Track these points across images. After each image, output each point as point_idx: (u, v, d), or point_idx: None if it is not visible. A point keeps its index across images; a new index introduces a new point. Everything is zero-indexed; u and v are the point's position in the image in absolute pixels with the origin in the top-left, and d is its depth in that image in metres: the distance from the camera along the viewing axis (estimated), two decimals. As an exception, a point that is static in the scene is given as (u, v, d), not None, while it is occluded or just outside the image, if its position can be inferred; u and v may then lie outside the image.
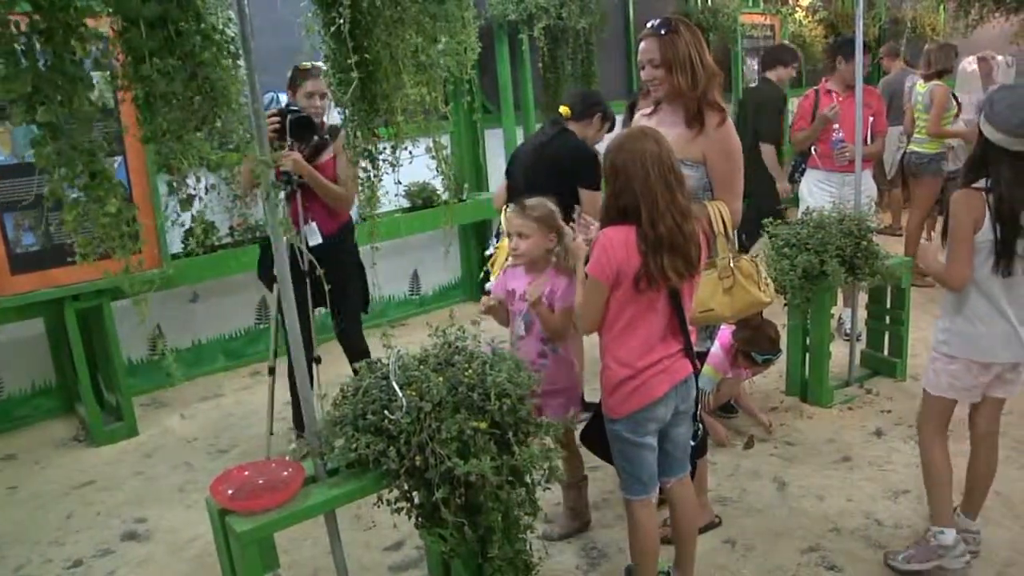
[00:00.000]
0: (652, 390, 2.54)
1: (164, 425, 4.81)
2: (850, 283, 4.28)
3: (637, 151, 2.45)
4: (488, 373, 2.35)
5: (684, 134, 2.97)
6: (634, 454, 2.62)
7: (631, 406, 2.55)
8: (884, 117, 5.44)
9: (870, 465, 3.82)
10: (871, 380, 4.78)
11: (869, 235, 4.24)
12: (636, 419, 2.57)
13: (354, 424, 2.33)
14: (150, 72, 1.74)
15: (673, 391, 2.58)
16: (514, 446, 2.32)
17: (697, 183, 2.97)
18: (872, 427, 4.21)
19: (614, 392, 2.56)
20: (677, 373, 2.59)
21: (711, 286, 2.98)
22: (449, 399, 2.30)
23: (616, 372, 2.54)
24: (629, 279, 2.45)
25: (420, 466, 2.24)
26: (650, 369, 2.53)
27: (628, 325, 2.51)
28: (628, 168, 2.44)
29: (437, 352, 2.50)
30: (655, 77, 2.97)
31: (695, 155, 2.96)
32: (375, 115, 2.31)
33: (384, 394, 2.35)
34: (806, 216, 4.29)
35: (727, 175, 2.99)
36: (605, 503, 3.57)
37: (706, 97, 2.95)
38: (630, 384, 2.53)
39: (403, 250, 6.51)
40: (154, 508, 3.84)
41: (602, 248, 2.47)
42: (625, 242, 2.44)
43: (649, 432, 2.60)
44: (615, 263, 2.45)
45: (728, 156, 2.98)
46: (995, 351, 2.84)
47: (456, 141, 6.69)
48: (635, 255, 2.43)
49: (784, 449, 4.02)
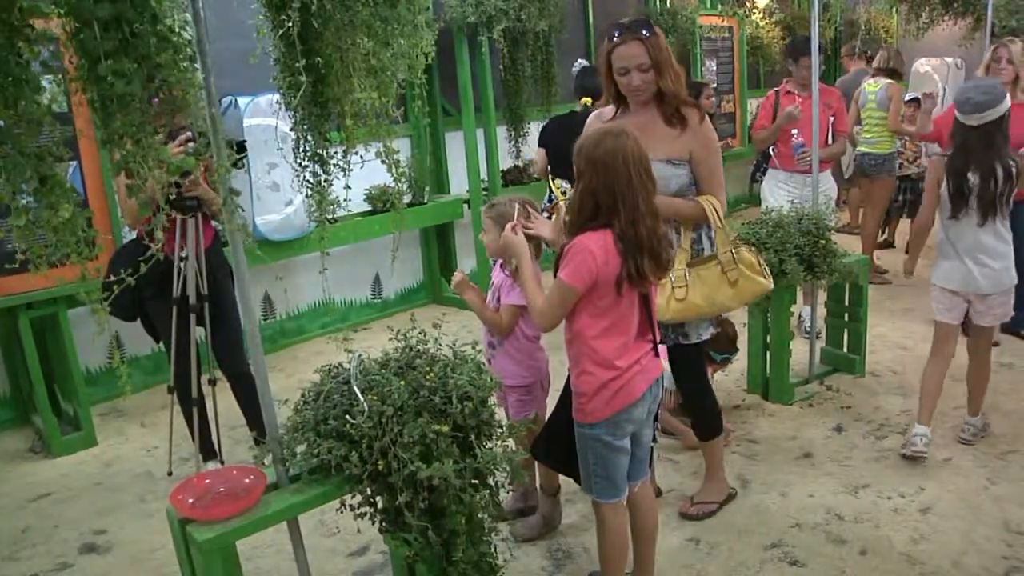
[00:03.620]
0: (632, 390, 2.53)
1: (124, 434, 4.74)
2: (809, 281, 4.33)
3: (619, 148, 2.39)
4: (450, 376, 2.35)
5: (667, 133, 2.99)
6: (611, 458, 2.61)
7: (613, 408, 2.53)
8: (845, 116, 5.52)
9: (831, 461, 3.88)
10: (831, 377, 4.85)
11: (827, 234, 4.30)
12: (616, 421, 2.55)
13: (316, 429, 2.32)
14: (106, 73, 1.70)
15: (648, 391, 2.58)
16: (476, 448, 2.32)
17: (684, 180, 3.02)
18: (832, 423, 4.27)
19: (596, 396, 2.53)
20: (651, 372, 2.60)
21: (715, 281, 3.06)
22: (411, 403, 2.30)
23: (598, 375, 2.51)
24: (610, 283, 2.43)
25: (383, 470, 2.23)
26: (630, 369, 2.52)
27: (609, 328, 2.49)
28: (608, 165, 2.39)
29: (399, 356, 2.50)
30: (645, 81, 2.95)
31: (680, 153, 2.99)
32: (326, 119, 2.30)
33: (345, 399, 2.34)
34: (765, 216, 4.34)
35: (713, 169, 3.04)
36: (570, 503, 3.58)
37: (679, 96, 2.98)
38: (613, 386, 2.51)
39: (364, 254, 6.48)
40: (114, 519, 3.78)
41: (580, 255, 2.42)
42: (603, 246, 2.41)
43: (626, 434, 2.60)
44: (593, 270, 2.40)
45: (713, 150, 3.04)
46: (953, 280, 3.72)
47: (416, 144, 6.68)
48: (614, 258, 2.41)
49: (746, 447, 4.06)
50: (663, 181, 2.96)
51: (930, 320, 3.94)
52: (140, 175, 1.82)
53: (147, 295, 3.78)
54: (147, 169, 1.82)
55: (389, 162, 2.45)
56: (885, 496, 3.54)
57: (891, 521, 3.35)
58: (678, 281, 3.06)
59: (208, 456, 4.06)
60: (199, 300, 3.76)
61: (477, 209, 6.64)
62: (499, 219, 3.05)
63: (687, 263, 3.09)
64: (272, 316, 6.07)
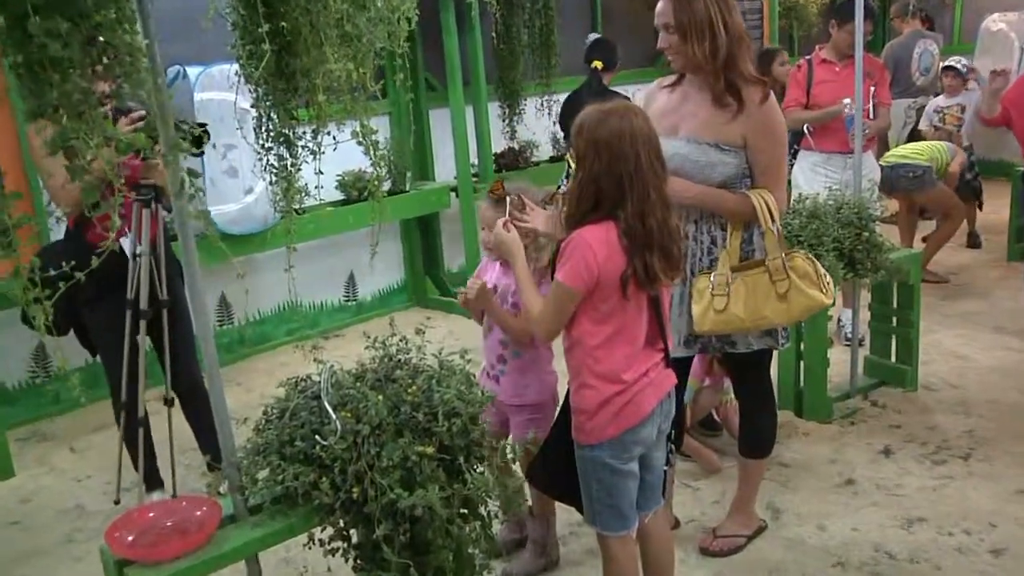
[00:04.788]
0: (640, 406, 2.54)
1: (47, 463, 4.70)
2: (850, 280, 4.33)
3: (625, 129, 2.38)
4: (435, 390, 2.35)
5: (717, 114, 2.96)
6: (616, 483, 2.61)
7: (618, 426, 2.53)
8: (887, 88, 5.51)
9: (878, 489, 3.88)
10: (877, 391, 4.86)
11: (871, 225, 4.30)
12: (623, 442, 2.55)
13: (280, 452, 2.31)
14: (37, 32, 1.66)
15: (659, 407, 2.59)
16: (466, 473, 2.32)
17: (735, 170, 2.99)
18: (879, 445, 4.27)
19: (598, 413, 2.53)
20: (662, 385, 2.60)
21: (763, 291, 3.00)
22: (390, 421, 2.30)
23: (600, 390, 2.51)
24: (613, 284, 2.43)
25: (358, 499, 2.23)
26: (638, 383, 2.53)
27: (613, 336, 2.49)
28: (613, 147, 2.38)
29: (376, 367, 2.50)
30: (671, 44, 2.95)
31: (733, 138, 2.96)
32: (293, 94, 2.29)
33: (315, 417, 2.34)
34: (797, 204, 4.34)
35: (773, 159, 3.01)
36: (573, 536, 3.58)
37: (736, 69, 2.92)
38: (618, 401, 2.51)
39: (337, 250, 6.49)
40: (34, 567, 3.73)
41: (579, 252, 2.41)
42: (606, 241, 2.41)
43: (633, 457, 2.60)
44: (594, 269, 2.40)
45: (774, 137, 3.00)
46: None
47: (396, 123, 6.68)
48: (618, 255, 2.41)
49: (777, 471, 4.06)
50: (707, 168, 2.97)
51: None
52: (82, 155, 1.81)
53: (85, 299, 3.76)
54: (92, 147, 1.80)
55: (366, 144, 2.45)
56: (946, 532, 3.52)
57: (955, 564, 3.32)
58: (719, 288, 3.01)
59: (153, 485, 4.05)
60: (152, 304, 3.74)
61: (466, 198, 6.64)
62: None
63: (732, 267, 3.04)
64: (229, 321, 6.08)
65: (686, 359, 3.24)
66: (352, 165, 6.01)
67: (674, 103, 3.10)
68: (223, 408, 2.36)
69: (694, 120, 3.01)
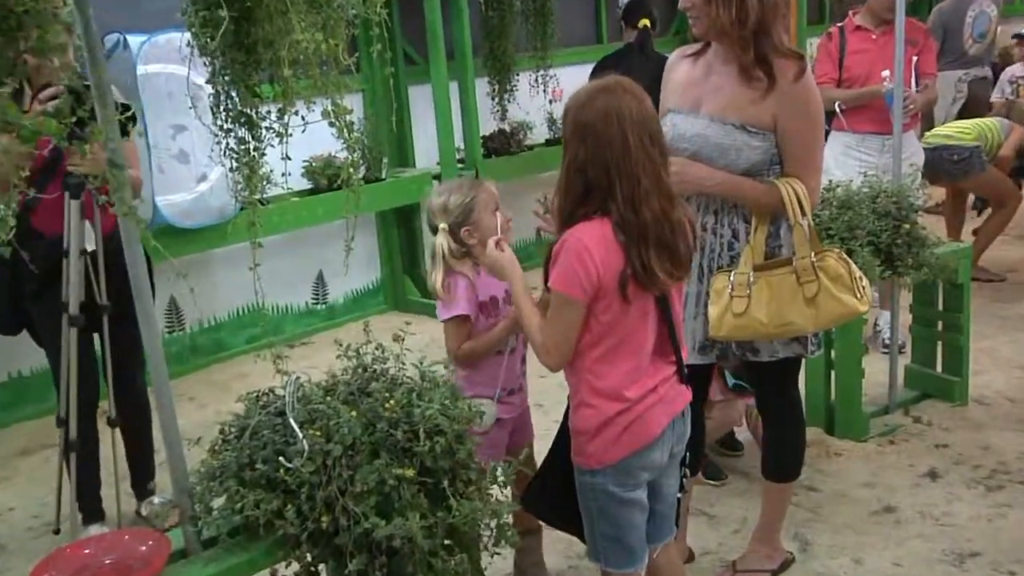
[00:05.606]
0: (648, 428, 2.53)
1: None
2: (888, 279, 4.33)
3: (612, 108, 2.39)
4: (415, 404, 2.36)
5: (745, 90, 2.95)
6: (622, 515, 2.60)
7: (622, 450, 2.53)
8: (933, 55, 5.51)
9: (923, 518, 3.87)
10: (920, 405, 4.86)
11: (913, 216, 4.29)
12: (628, 467, 2.55)
13: (238, 476, 2.32)
14: None
15: (670, 428, 2.58)
16: (451, 499, 2.32)
17: (763, 156, 2.98)
18: (923, 467, 4.27)
19: (599, 434, 2.53)
20: (674, 403, 2.60)
21: (789, 293, 2.99)
22: (365, 440, 2.30)
23: (601, 409, 2.51)
24: (612, 287, 2.42)
25: (327, 529, 2.23)
26: (644, 400, 2.52)
27: (615, 347, 2.49)
28: (599, 130, 2.39)
29: (349, 379, 2.50)
30: (693, 5, 2.95)
31: (762, 119, 2.95)
32: (254, 68, 2.29)
33: (279, 436, 2.34)
34: (828, 193, 4.33)
35: (807, 144, 3.01)
36: (573, 571, 3.58)
37: (768, 38, 2.91)
38: (621, 422, 2.51)
39: (304, 245, 6.49)
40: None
41: (575, 255, 2.41)
42: (601, 239, 2.41)
43: (640, 484, 2.60)
44: (594, 273, 2.40)
45: (809, 119, 2.99)
46: None
47: (372, 101, 6.69)
48: (616, 254, 2.41)
49: (806, 497, 4.07)
50: (731, 152, 2.97)
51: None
52: None
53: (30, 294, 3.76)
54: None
55: (339, 125, 2.45)
56: (1004, 570, 3.51)
57: (1014, 607, 3.34)
58: (738, 288, 3.00)
59: (93, 517, 4.03)
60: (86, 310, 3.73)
61: (451, 186, 6.63)
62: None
63: (755, 265, 3.03)
64: (180, 328, 6.07)
65: (705, 368, 3.23)
66: (322, 149, 6.02)
67: (697, 76, 3.10)
68: (173, 426, 2.36)
69: (718, 96, 3.01)
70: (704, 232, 3.04)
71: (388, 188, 6.53)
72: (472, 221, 3.08)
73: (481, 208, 3.08)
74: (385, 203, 6.66)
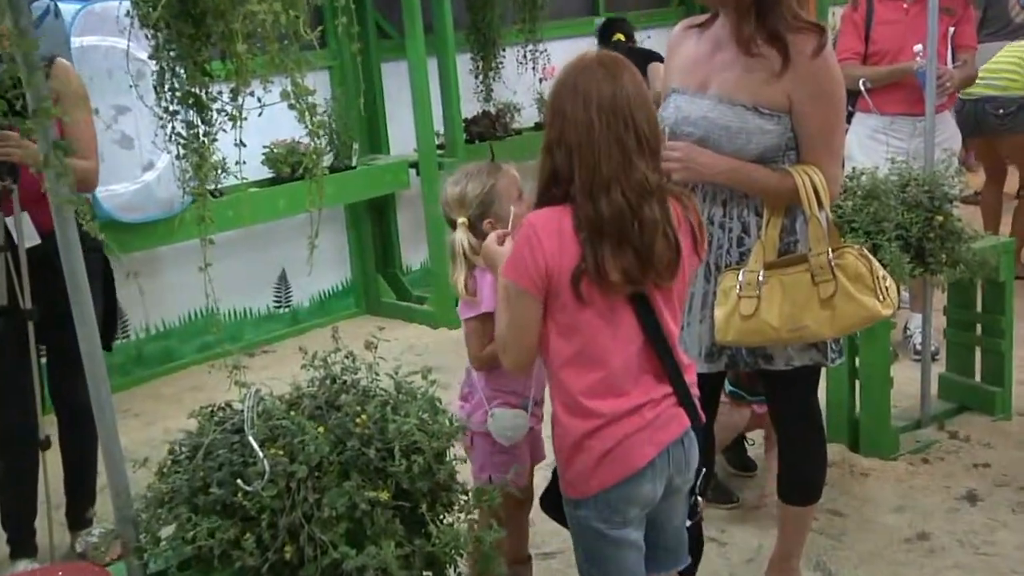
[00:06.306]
0: (629, 457, 2.47)
1: None
2: (920, 278, 4.35)
3: (581, 88, 2.40)
4: (390, 419, 2.35)
5: (755, 69, 2.96)
6: (608, 555, 2.55)
7: (602, 481, 2.47)
8: (973, 26, 5.51)
9: (961, 546, 3.87)
10: (956, 418, 4.87)
11: (948, 207, 4.31)
12: (609, 501, 2.49)
13: (190, 502, 2.31)
14: None
15: (664, 457, 2.51)
16: (430, 525, 2.33)
17: (777, 140, 2.99)
18: (961, 489, 4.27)
19: (573, 458, 2.49)
20: (666, 429, 2.51)
21: (803, 294, 2.99)
22: (334, 459, 2.30)
23: (567, 426, 2.49)
24: (566, 283, 2.40)
25: (291, 560, 2.23)
26: (621, 422, 2.46)
27: (578, 355, 2.46)
28: (567, 112, 2.40)
29: (315, 391, 2.50)
30: None
31: (775, 99, 2.95)
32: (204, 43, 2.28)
33: (236, 455, 2.33)
34: (851, 181, 4.34)
35: (826, 128, 3.01)
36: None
37: (778, 9, 2.91)
38: (594, 447, 2.45)
39: (264, 242, 6.50)
40: None
41: (524, 241, 2.42)
42: (558, 229, 2.40)
43: (629, 521, 2.53)
44: (541, 262, 2.39)
45: (829, 100, 2.99)
46: None
47: (340, 80, 6.68)
48: (571, 246, 2.39)
49: (828, 521, 4.07)
50: (741, 136, 2.97)
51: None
52: None
53: None
54: None
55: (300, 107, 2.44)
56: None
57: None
58: (747, 288, 3.00)
59: (23, 551, 4.02)
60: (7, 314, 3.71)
61: (429, 176, 6.63)
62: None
63: (766, 263, 3.03)
64: (123, 335, 6.05)
65: (713, 377, 3.22)
66: (283, 134, 6.02)
67: (704, 51, 3.11)
68: (115, 447, 2.35)
69: (727, 74, 3.01)
70: (711, 226, 3.04)
71: (358, 178, 6.54)
72: (493, 212, 3.08)
73: (502, 196, 3.09)
74: (355, 194, 6.67)
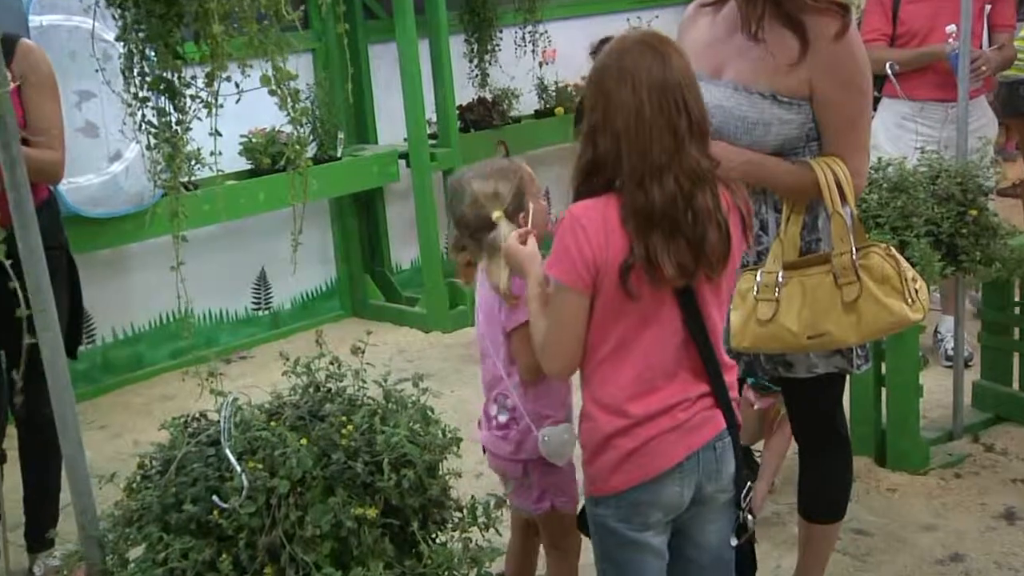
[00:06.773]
0: (656, 455, 2.49)
1: None
2: (952, 277, 4.35)
3: (627, 67, 2.39)
4: (378, 430, 2.36)
5: (773, 53, 2.94)
6: (627, 560, 2.58)
7: (626, 480, 2.50)
8: (1012, 4, 5.50)
9: (999, 568, 3.87)
10: (991, 430, 4.87)
11: (982, 200, 4.31)
12: (631, 501, 2.52)
13: (162, 520, 2.31)
14: None
15: (693, 460, 2.53)
16: (421, 544, 2.33)
17: (797, 131, 2.98)
18: (998, 506, 4.28)
19: (599, 456, 2.52)
20: (699, 431, 2.53)
21: (826, 297, 2.97)
22: (318, 474, 2.30)
23: (599, 424, 2.51)
24: (613, 277, 2.41)
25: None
26: (654, 422, 2.48)
27: (617, 349, 2.48)
28: (612, 93, 2.39)
29: (298, 400, 2.51)
30: None
31: (795, 87, 2.93)
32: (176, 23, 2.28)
33: (212, 470, 2.34)
34: (877, 173, 4.34)
35: (850, 117, 2.99)
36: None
37: None
38: (622, 445, 2.48)
39: (242, 239, 6.51)
40: None
41: (569, 234, 2.42)
42: (603, 220, 2.41)
43: (651, 525, 2.55)
44: (590, 255, 2.39)
45: (854, 86, 2.97)
46: None
47: (324, 64, 6.69)
48: (618, 237, 2.40)
49: (852, 541, 4.07)
50: (758, 127, 2.97)
51: None
52: None
53: None
54: None
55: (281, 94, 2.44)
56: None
57: None
58: (764, 291, 2.99)
59: None
60: None
61: (421, 167, 6.66)
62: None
63: (786, 263, 3.02)
64: (90, 339, 6.04)
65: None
66: (262, 123, 6.03)
67: (718, 34, 3.09)
68: (80, 461, 2.35)
69: (743, 59, 3.00)
70: None
71: (344, 169, 6.54)
72: (525, 208, 3.07)
73: (531, 192, 3.10)
74: (341, 187, 6.66)
